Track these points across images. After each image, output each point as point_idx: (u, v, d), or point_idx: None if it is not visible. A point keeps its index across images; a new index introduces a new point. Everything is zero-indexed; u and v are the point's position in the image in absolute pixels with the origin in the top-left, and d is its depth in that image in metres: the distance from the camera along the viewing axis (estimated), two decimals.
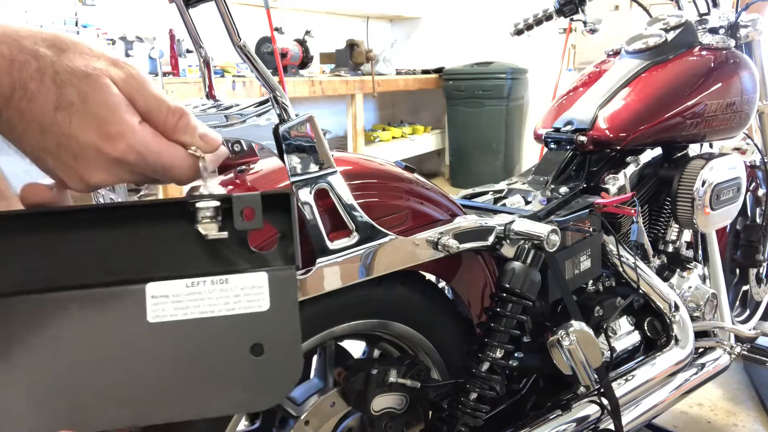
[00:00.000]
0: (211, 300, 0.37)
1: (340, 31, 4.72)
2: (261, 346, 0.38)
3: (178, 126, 0.42)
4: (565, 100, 1.39)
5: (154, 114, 0.42)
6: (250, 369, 0.38)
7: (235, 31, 0.74)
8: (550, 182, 1.26)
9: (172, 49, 2.99)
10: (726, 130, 1.35)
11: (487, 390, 0.98)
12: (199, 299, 0.37)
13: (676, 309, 1.26)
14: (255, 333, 0.38)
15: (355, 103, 4.03)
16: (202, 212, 0.38)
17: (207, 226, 0.38)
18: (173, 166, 0.42)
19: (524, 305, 0.98)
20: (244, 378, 0.38)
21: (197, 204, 0.38)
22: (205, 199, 0.38)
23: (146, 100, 0.41)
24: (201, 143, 0.43)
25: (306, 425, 0.91)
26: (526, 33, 1.56)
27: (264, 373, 0.38)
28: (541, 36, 2.01)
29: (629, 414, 1.20)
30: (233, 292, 0.37)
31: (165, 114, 0.42)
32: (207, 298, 0.37)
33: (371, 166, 0.92)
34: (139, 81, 0.42)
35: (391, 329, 0.96)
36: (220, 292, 0.37)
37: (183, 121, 0.43)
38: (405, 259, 0.86)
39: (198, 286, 0.37)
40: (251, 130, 0.81)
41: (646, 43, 1.34)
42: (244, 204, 0.38)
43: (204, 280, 0.37)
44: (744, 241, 1.64)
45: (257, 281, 0.37)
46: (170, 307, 0.36)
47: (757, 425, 1.66)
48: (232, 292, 0.37)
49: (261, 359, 0.38)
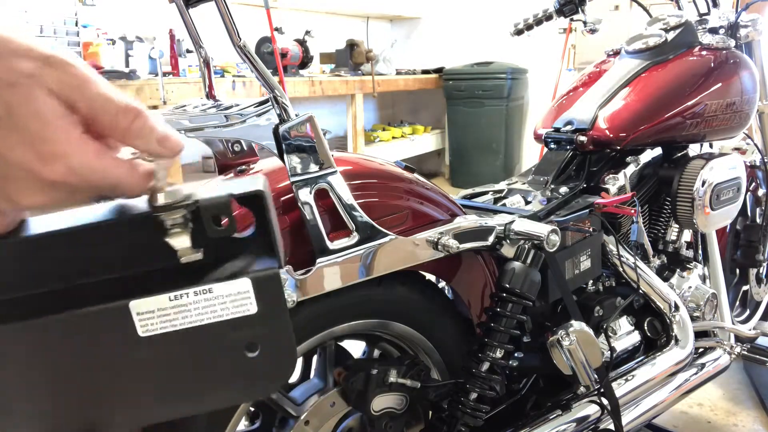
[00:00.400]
0: (198, 310, 0.36)
1: (340, 31, 4.72)
2: (255, 344, 0.38)
3: (131, 130, 0.36)
4: (565, 100, 1.39)
5: (101, 117, 0.35)
6: (247, 365, 0.38)
7: (235, 31, 0.74)
8: (550, 182, 1.26)
9: (172, 49, 2.99)
10: (726, 130, 1.35)
11: (487, 390, 0.98)
12: (186, 311, 0.36)
13: (676, 309, 1.26)
14: (247, 334, 0.38)
15: (355, 103, 4.03)
16: (168, 224, 0.35)
17: (178, 239, 0.35)
18: (121, 182, 0.36)
19: (524, 305, 0.98)
20: (243, 373, 0.38)
21: (161, 217, 0.35)
22: (170, 209, 0.35)
23: (90, 101, 0.35)
24: (158, 149, 0.37)
25: (306, 425, 0.91)
26: (526, 33, 1.57)
27: (261, 367, 0.38)
28: (541, 36, 2.02)
29: (629, 414, 1.20)
30: (219, 300, 0.36)
31: (114, 116, 0.36)
32: (193, 309, 0.36)
33: (371, 166, 0.92)
34: (80, 79, 0.35)
35: (391, 329, 0.96)
36: (205, 302, 0.36)
37: (137, 123, 0.36)
38: (405, 259, 0.86)
39: (182, 298, 0.36)
40: (251, 130, 0.81)
41: (646, 43, 1.34)
42: (213, 210, 0.36)
43: (187, 292, 0.36)
44: (744, 241, 1.64)
45: (242, 287, 0.36)
46: (158, 321, 0.36)
47: (757, 425, 1.66)
48: (217, 300, 0.36)
49: (257, 355, 0.38)
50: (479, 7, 4.95)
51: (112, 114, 0.36)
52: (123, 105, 0.36)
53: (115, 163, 0.36)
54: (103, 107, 0.35)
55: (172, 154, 0.37)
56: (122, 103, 0.36)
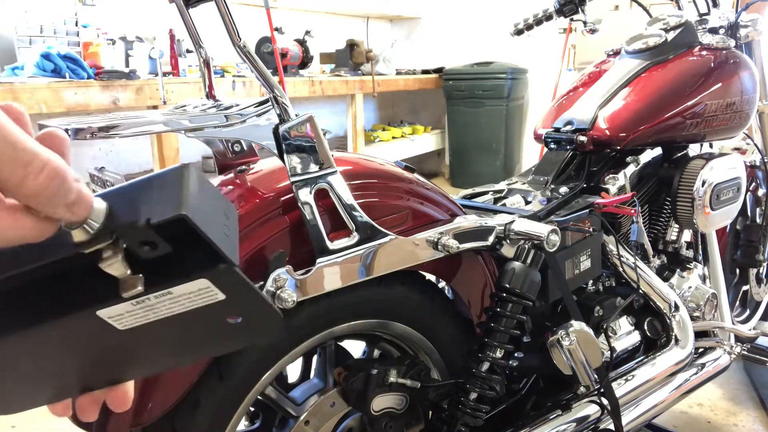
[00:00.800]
0: (166, 305, 0.36)
1: (340, 31, 4.72)
2: (235, 317, 0.39)
3: (43, 196, 0.30)
4: (565, 100, 1.39)
5: (5, 173, 0.29)
6: (234, 327, 0.40)
7: (235, 31, 0.74)
8: (550, 182, 1.26)
9: (172, 49, 2.99)
10: (726, 130, 1.35)
11: (487, 390, 0.98)
12: (154, 307, 0.36)
13: (676, 309, 1.26)
14: (224, 312, 0.38)
15: (355, 103, 4.03)
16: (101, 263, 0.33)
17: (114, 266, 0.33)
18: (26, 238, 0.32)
19: (524, 305, 0.98)
20: (233, 332, 0.40)
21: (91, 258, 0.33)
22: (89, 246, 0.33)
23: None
24: (68, 215, 0.31)
25: (306, 425, 0.91)
26: (526, 33, 1.57)
27: (248, 326, 0.40)
28: (541, 36, 2.02)
29: (629, 414, 1.20)
30: (182, 297, 0.36)
31: (21, 177, 0.29)
32: (160, 306, 0.36)
33: (371, 166, 0.92)
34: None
35: (391, 329, 0.96)
36: (170, 301, 0.36)
37: (50, 189, 0.30)
38: (405, 259, 0.86)
39: (144, 302, 0.35)
40: (251, 130, 0.81)
41: (646, 43, 1.34)
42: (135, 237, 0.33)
43: (147, 297, 0.35)
44: (744, 241, 1.64)
45: (201, 285, 0.36)
46: (131, 318, 0.36)
47: (757, 425, 1.66)
48: (181, 297, 0.36)
49: (240, 321, 0.39)
50: (479, 7, 4.95)
51: (20, 174, 0.29)
52: (38, 164, 0.30)
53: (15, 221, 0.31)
54: (12, 161, 0.29)
55: (80, 220, 0.32)
56: (38, 159, 0.30)
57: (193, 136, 0.82)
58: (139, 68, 2.74)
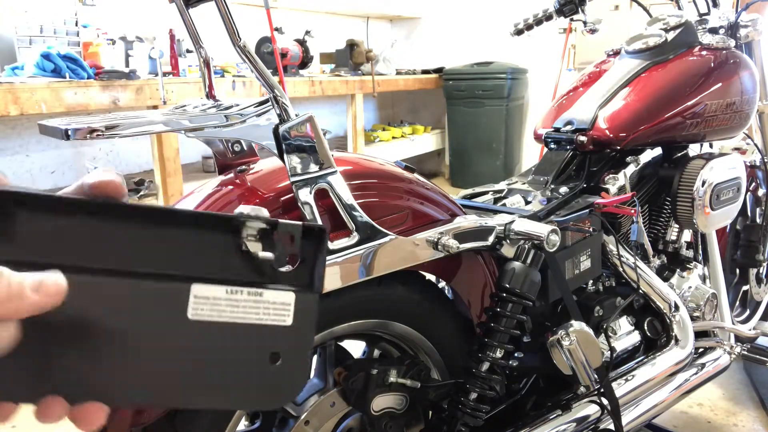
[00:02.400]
0: (246, 309, 0.41)
1: (340, 31, 4.72)
2: (278, 354, 0.43)
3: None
4: (565, 100, 1.39)
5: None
6: (266, 373, 0.42)
7: (235, 31, 0.74)
8: (550, 182, 1.26)
9: (172, 49, 2.99)
10: (726, 130, 1.35)
11: (487, 390, 0.98)
12: (235, 306, 0.41)
13: (676, 309, 1.26)
14: (276, 343, 0.42)
15: (355, 103, 4.03)
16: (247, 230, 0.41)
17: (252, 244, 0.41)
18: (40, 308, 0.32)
19: (524, 305, 0.98)
20: (260, 380, 0.43)
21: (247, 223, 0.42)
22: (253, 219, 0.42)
23: None
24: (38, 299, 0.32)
25: (306, 425, 0.91)
26: (526, 33, 1.57)
27: (277, 378, 0.43)
28: (541, 36, 2.02)
29: (629, 414, 1.20)
30: (264, 304, 0.41)
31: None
32: (242, 306, 0.41)
33: (371, 166, 0.92)
34: None
35: (391, 329, 0.96)
36: (254, 303, 0.41)
37: None
38: (405, 259, 0.86)
39: (236, 294, 0.41)
40: (251, 130, 0.81)
41: (646, 43, 1.34)
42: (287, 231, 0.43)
43: (242, 290, 0.41)
44: (744, 241, 1.64)
45: (285, 299, 0.42)
46: (209, 308, 0.40)
47: (757, 425, 1.66)
48: (263, 304, 0.41)
49: (277, 366, 0.42)
50: (479, 7, 4.95)
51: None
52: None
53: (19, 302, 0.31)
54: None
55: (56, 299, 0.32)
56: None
57: (193, 136, 0.82)
58: (139, 68, 2.74)
